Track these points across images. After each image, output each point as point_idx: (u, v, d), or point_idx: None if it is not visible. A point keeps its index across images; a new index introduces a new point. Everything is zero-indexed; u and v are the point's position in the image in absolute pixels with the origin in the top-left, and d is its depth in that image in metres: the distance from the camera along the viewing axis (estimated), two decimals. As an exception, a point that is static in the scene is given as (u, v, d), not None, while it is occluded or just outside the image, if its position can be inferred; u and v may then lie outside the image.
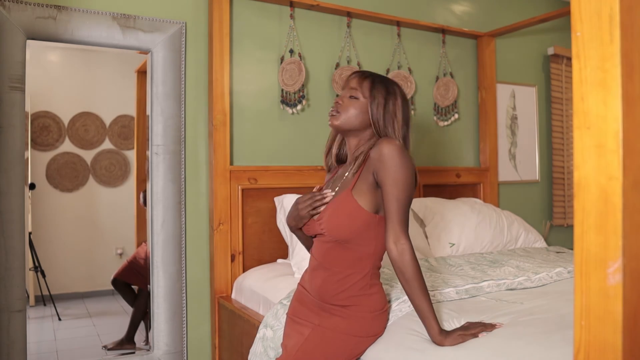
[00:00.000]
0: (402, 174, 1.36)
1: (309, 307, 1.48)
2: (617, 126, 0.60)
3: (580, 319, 0.64)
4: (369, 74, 1.51)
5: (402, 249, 1.34)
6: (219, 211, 2.42)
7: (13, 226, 2.05)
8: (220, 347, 2.42)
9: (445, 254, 2.55)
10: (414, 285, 1.34)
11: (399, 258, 1.35)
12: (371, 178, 1.40)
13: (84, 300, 2.51)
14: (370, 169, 1.41)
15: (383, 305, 1.45)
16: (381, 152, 1.37)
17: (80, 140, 2.49)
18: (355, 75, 1.52)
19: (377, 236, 1.41)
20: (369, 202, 1.40)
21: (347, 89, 1.51)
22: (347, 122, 1.47)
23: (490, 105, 3.33)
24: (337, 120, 1.48)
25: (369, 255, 1.42)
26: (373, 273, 1.44)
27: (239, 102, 2.57)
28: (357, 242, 1.41)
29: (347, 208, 1.39)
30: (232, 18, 2.55)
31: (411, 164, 1.39)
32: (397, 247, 1.35)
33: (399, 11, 3.03)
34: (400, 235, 1.35)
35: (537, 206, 3.68)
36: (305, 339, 1.42)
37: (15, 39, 2.06)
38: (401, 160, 1.36)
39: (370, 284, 1.43)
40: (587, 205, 0.63)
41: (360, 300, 1.41)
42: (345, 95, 1.50)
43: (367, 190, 1.40)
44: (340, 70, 2.78)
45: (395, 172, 1.35)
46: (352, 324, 1.40)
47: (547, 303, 1.60)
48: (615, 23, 0.60)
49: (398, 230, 1.35)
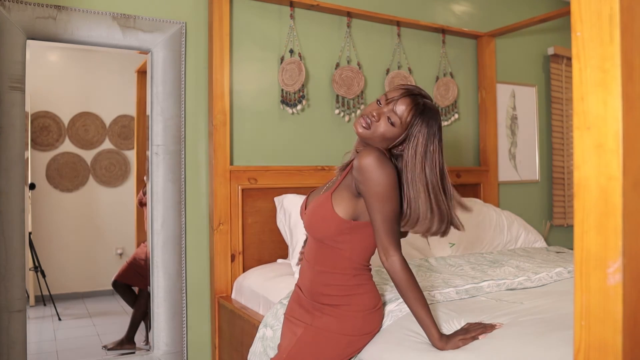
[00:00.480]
0: (381, 187, 1.30)
1: (304, 307, 1.48)
2: (617, 126, 0.60)
3: (580, 319, 0.64)
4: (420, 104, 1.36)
5: (391, 261, 1.33)
6: (219, 211, 2.42)
7: (13, 226, 2.05)
8: (220, 347, 2.42)
9: (445, 254, 2.55)
10: (409, 295, 1.34)
11: (391, 270, 1.34)
12: (353, 186, 1.38)
13: (84, 300, 2.51)
14: (352, 177, 1.38)
15: (375, 304, 1.45)
16: (360, 164, 1.31)
17: (80, 140, 2.49)
18: (406, 98, 1.36)
19: (351, 241, 1.40)
20: (346, 208, 1.38)
21: (391, 103, 1.36)
22: (371, 139, 1.38)
23: (490, 105, 3.33)
24: (364, 133, 1.38)
25: (345, 259, 1.41)
26: (356, 274, 1.42)
27: (239, 102, 2.57)
28: (332, 244, 1.41)
29: (322, 211, 1.40)
30: (232, 18, 2.55)
31: (392, 173, 1.31)
32: (387, 259, 1.34)
33: (399, 11, 3.03)
34: (388, 247, 1.33)
35: (537, 206, 3.68)
36: (298, 338, 1.43)
37: (15, 39, 2.06)
38: (380, 172, 1.29)
39: (358, 284, 1.43)
40: (587, 205, 0.63)
41: (349, 299, 1.41)
42: (384, 112, 1.36)
43: (347, 197, 1.39)
44: (340, 70, 2.78)
45: (375, 185, 1.30)
46: (343, 323, 1.41)
47: (547, 303, 1.60)
48: (615, 23, 0.60)
49: (385, 243, 1.33)
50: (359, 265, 1.43)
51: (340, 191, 1.41)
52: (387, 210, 1.32)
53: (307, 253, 1.50)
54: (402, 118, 1.35)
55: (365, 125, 1.37)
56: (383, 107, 1.38)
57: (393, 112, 1.36)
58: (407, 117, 1.35)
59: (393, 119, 1.35)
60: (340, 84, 2.78)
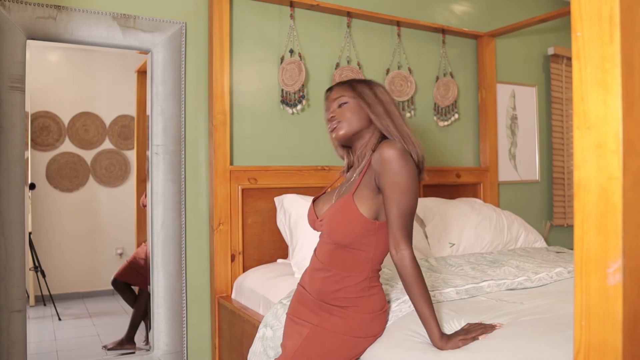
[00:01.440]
0: (402, 178, 1.34)
1: (309, 307, 1.48)
2: (617, 126, 0.60)
3: (580, 319, 0.64)
4: (344, 81, 1.54)
5: (402, 255, 1.34)
6: (219, 211, 2.42)
7: (13, 226, 2.05)
8: (220, 347, 2.42)
9: (445, 254, 2.55)
10: (415, 290, 1.34)
11: (400, 264, 1.35)
12: (373, 183, 1.40)
13: (84, 300, 2.51)
14: (372, 173, 1.40)
15: (382, 306, 1.45)
16: (381, 156, 1.36)
17: (80, 140, 2.49)
18: (332, 87, 1.54)
19: (376, 242, 1.41)
20: (370, 207, 1.39)
21: (331, 101, 1.51)
22: (350, 127, 1.47)
23: (490, 105, 3.33)
24: (341, 129, 1.47)
25: (367, 260, 1.42)
26: (372, 276, 1.44)
27: (239, 102, 2.57)
28: (356, 247, 1.41)
29: (347, 214, 1.39)
30: (232, 18, 2.55)
31: (413, 167, 1.37)
32: (397, 253, 1.35)
33: (399, 11, 3.03)
34: (400, 241, 1.34)
35: (537, 206, 3.68)
36: (304, 339, 1.42)
37: (15, 39, 2.06)
38: (401, 164, 1.34)
39: (370, 286, 1.43)
40: (587, 205, 0.63)
41: (359, 301, 1.41)
42: (334, 107, 1.50)
43: (368, 196, 1.40)
44: (340, 70, 2.78)
45: (395, 176, 1.34)
46: (351, 325, 1.40)
47: (547, 303, 1.60)
48: (615, 23, 0.60)
49: (398, 237, 1.35)
50: (377, 266, 1.45)
51: (361, 191, 1.41)
52: (404, 203, 1.34)
53: (320, 256, 1.48)
54: (343, 93, 1.49)
55: (336, 125, 1.48)
56: (330, 108, 1.52)
57: (334, 100, 1.50)
58: (342, 89, 1.50)
59: (340, 101, 1.49)
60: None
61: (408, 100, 3.03)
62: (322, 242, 1.49)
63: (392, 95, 1.60)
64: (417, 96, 3.11)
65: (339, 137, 1.48)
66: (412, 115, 3.07)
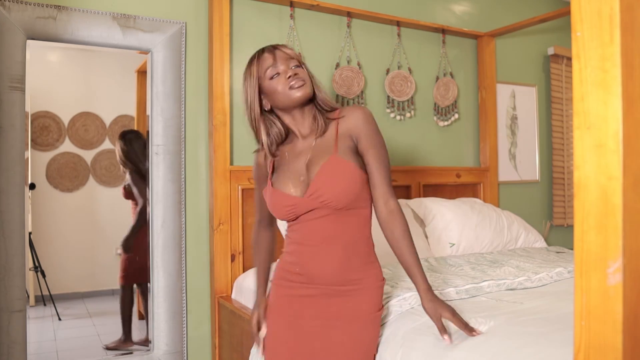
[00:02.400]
0: (381, 136, 1.42)
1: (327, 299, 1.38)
2: (617, 126, 0.60)
3: (580, 319, 0.64)
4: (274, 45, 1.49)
5: (391, 208, 1.38)
6: (219, 211, 2.42)
7: (13, 226, 2.05)
8: (220, 347, 2.42)
9: (445, 254, 2.55)
10: (403, 243, 1.36)
11: (389, 217, 1.37)
12: (351, 143, 1.39)
13: (84, 300, 2.51)
14: (347, 134, 1.39)
15: (382, 277, 1.44)
16: (363, 115, 1.40)
17: (80, 140, 2.49)
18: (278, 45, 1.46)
19: (369, 197, 1.42)
20: (356, 163, 1.39)
21: (284, 58, 1.40)
22: (311, 90, 1.42)
23: (490, 105, 3.33)
24: (308, 87, 1.39)
25: (366, 217, 1.42)
26: (370, 235, 1.43)
27: (239, 102, 2.57)
28: (357, 205, 1.38)
29: (344, 171, 1.35)
30: (232, 18, 2.55)
31: None
32: (386, 207, 1.38)
33: (399, 11, 3.03)
34: (389, 196, 1.39)
35: (537, 206, 3.68)
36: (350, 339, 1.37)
37: (15, 39, 2.06)
38: (376, 125, 1.42)
39: (371, 251, 1.43)
40: (587, 205, 0.63)
41: (368, 269, 1.40)
42: (290, 65, 1.40)
43: (350, 154, 1.38)
44: (340, 70, 2.78)
45: (377, 134, 1.40)
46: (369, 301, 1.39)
47: (547, 303, 1.60)
48: (615, 23, 0.60)
49: (387, 192, 1.38)
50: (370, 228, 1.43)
51: (341, 150, 1.38)
52: (387, 159, 1.41)
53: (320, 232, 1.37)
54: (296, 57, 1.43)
55: (302, 83, 1.38)
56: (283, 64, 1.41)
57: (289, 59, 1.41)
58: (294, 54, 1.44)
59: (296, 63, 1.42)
60: (341, 84, 2.78)
61: (408, 100, 3.03)
62: (314, 220, 1.37)
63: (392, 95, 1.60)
64: (417, 96, 3.11)
65: (305, 95, 1.38)
66: (412, 115, 3.07)
